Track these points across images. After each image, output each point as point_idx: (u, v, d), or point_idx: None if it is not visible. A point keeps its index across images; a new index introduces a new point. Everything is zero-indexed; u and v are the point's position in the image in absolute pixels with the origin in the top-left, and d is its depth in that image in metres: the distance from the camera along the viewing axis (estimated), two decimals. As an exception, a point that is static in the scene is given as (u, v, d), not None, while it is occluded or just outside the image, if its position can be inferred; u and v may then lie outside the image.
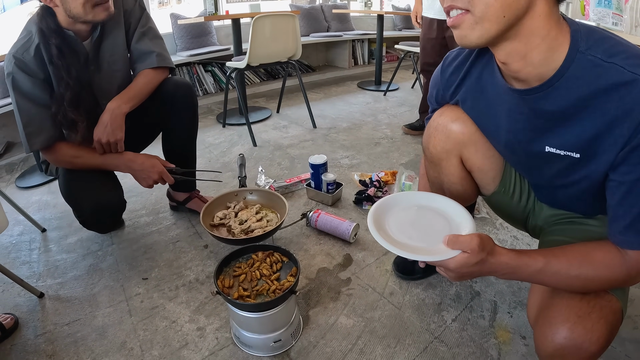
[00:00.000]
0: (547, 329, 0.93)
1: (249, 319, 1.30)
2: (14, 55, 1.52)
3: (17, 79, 1.52)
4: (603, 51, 0.79)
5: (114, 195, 1.72)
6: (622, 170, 0.83)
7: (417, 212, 1.13)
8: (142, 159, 1.71)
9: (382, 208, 1.13)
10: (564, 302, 0.93)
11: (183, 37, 4.34)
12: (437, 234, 0.99)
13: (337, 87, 5.09)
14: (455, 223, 1.06)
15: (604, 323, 0.88)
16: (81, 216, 1.69)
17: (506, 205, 1.28)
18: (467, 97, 1.14)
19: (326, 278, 1.72)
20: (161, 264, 1.84)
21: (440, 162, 1.25)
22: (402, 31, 6.15)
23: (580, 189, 0.99)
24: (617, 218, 0.86)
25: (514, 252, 0.92)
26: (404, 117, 3.78)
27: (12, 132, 3.45)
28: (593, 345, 0.86)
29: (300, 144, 3.22)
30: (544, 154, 0.97)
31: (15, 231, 2.15)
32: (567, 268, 0.89)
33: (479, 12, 0.79)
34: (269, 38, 3.10)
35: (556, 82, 0.84)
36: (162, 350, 1.41)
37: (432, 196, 1.17)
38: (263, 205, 2.01)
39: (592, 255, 0.89)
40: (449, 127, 1.18)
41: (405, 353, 1.37)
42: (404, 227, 1.07)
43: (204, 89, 4.58)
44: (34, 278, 1.79)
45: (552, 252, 0.92)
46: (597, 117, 0.82)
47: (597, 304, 0.90)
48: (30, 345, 1.46)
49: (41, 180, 2.72)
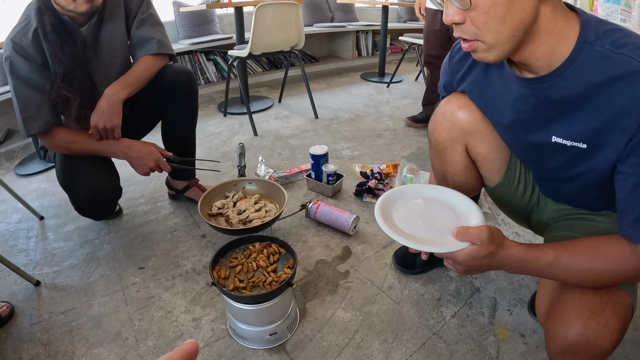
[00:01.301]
0: (559, 325, 0.91)
1: (245, 311, 1.28)
2: (12, 39, 1.50)
3: (15, 63, 1.51)
4: (612, 42, 0.79)
5: (109, 181, 1.71)
6: (630, 162, 0.82)
7: (425, 204, 1.12)
8: (139, 146, 1.69)
9: (390, 199, 1.11)
10: (576, 298, 0.91)
11: (185, 25, 4.31)
12: (446, 226, 0.98)
13: (340, 78, 5.06)
14: (464, 215, 1.05)
15: (617, 319, 0.86)
16: (76, 202, 1.67)
17: (510, 198, 1.26)
18: (473, 87, 1.13)
19: (324, 270, 1.70)
20: (158, 253, 1.83)
21: (445, 150, 1.24)
22: (406, 23, 6.12)
23: (587, 182, 0.98)
24: (626, 211, 0.85)
25: (524, 246, 0.91)
26: (407, 110, 3.76)
27: (12, 119, 3.42)
28: (607, 342, 0.85)
29: (302, 134, 3.20)
30: (550, 144, 0.96)
31: (13, 219, 2.14)
32: (578, 262, 0.87)
33: (491, 40, 0.83)
34: (272, 27, 3.07)
35: (564, 72, 0.84)
36: (157, 340, 1.40)
37: (440, 189, 1.16)
38: (262, 196, 1.99)
39: (603, 249, 0.87)
40: (455, 114, 1.18)
41: (402, 349, 1.36)
42: (412, 218, 1.05)
43: (206, 77, 4.55)
44: (30, 266, 1.78)
45: (562, 246, 0.90)
46: (605, 107, 0.82)
47: (610, 299, 0.88)
48: (26, 333, 1.45)
49: (40, 167, 2.70)
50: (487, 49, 0.86)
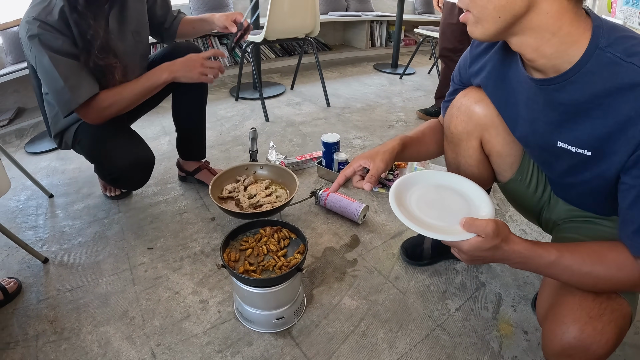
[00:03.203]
0: (557, 327, 0.92)
1: (253, 294, 1.29)
2: (36, 17, 1.45)
3: (46, 38, 1.45)
4: (623, 50, 0.77)
5: (145, 148, 1.74)
6: (633, 174, 0.81)
7: (439, 191, 1.12)
8: (178, 60, 1.67)
9: (406, 183, 1.12)
10: (576, 301, 0.92)
11: (200, 9, 4.29)
12: (456, 215, 0.98)
13: (353, 68, 5.03)
14: (475, 206, 1.05)
15: (614, 326, 0.87)
16: (113, 173, 1.70)
17: (522, 194, 1.26)
18: (488, 82, 1.12)
19: (332, 258, 1.70)
20: (167, 234, 1.84)
21: (460, 142, 1.23)
22: (422, 15, 6.06)
23: (591, 188, 0.98)
24: (627, 222, 0.85)
25: (529, 242, 0.91)
26: (419, 102, 3.74)
27: (23, 97, 3.44)
28: (601, 348, 0.86)
29: (313, 122, 3.19)
30: (555, 148, 0.96)
31: (23, 196, 2.15)
32: (579, 264, 0.88)
33: (477, 13, 0.85)
34: (287, 13, 3.05)
35: (573, 76, 0.83)
36: (163, 320, 1.41)
37: (456, 177, 1.16)
38: (273, 181, 1.99)
39: (605, 255, 0.88)
40: (472, 108, 1.17)
41: (407, 338, 1.36)
42: (424, 204, 1.06)
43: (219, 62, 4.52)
44: (39, 243, 1.79)
45: (566, 247, 0.91)
46: (610, 116, 0.81)
47: (609, 306, 0.89)
48: (32, 310, 1.46)
49: (50, 146, 2.71)
50: (474, 23, 0.87)
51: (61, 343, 1.34)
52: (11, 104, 3.40)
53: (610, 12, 2.75)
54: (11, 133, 3.05)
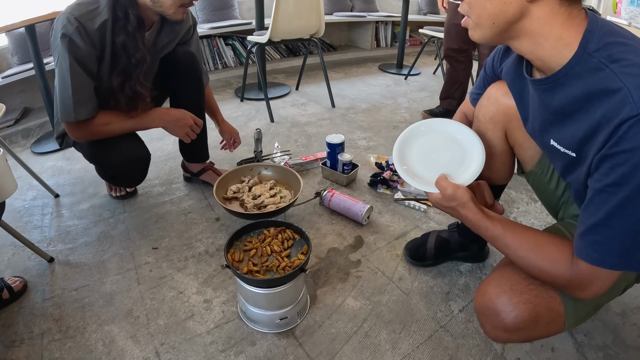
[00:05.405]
0: (483, 286, 1.05)
1: (257, 295, 1.29)
2: (78, 18, 1.43)
3: (76, 43, 1.44)
4: (608, 55, 0.78)
5: (139, 146, 1.79)
6: (594, 177, 0.84)
7: (442, 140, 1.22)
8: (172, 111, 1.79)
9: (415, 132, 1.24)
10: (507, 272, 1.03)
11: (205, 9, 4.30)
12: (441, 169, 1.12)
13: (358, 68, 5.03)
14: (467, 162, 1.14)
15: (530, 308, 0.95)
16: (109, 171, 1.74)
17: (543, 188, 1.28)
18: (507, 78, 1.17)
19: (336, 258, 1.71)
20: (172, 234, 1.85)
21: (487, 132, 1.28)
22: (427, 15, 6.05)
23: (577, 190, 1.01)
24: (578, 223, 0.88)
25: (481, 213, 1.02)
26: (424, 103, 3.73)
27: (29, 97, 3.46)
28: (509, 319, 0.96)
29: (318, 122, 3.19)
30: (550, 146, 0.99)
31: (29, 196, 2.16)
32: (516, 246, 0.96)
33: (475, 19, 0.91)
34: (292, 13, 3.04)
35: (561, 78, 0.86)
36: (167, 320, 1.42)
37: (464, 130, 1.22)
38: (277, 181, 2.00)
39: (544, 247, 0.94)
40: (500, 99, 1.21)
41: (410, 340, 1.36)
42: (423, 152, 1.20)
43: (224, 62, 4.55)
44: (44, 242, 1.80)
45: (512, 227, 1.00)
46: (587, 119, 0.83)
47: (536, 290, 0.97)
48: (38, 308, 1.47)
49: (57, 146, 2.70)
50: (473, 27, 0.93)
51: (66, 341, 1.34)
52: (17, 104, 3.42)
53: (615, 13, 2.74)
54: (17, 133, 3.07)
